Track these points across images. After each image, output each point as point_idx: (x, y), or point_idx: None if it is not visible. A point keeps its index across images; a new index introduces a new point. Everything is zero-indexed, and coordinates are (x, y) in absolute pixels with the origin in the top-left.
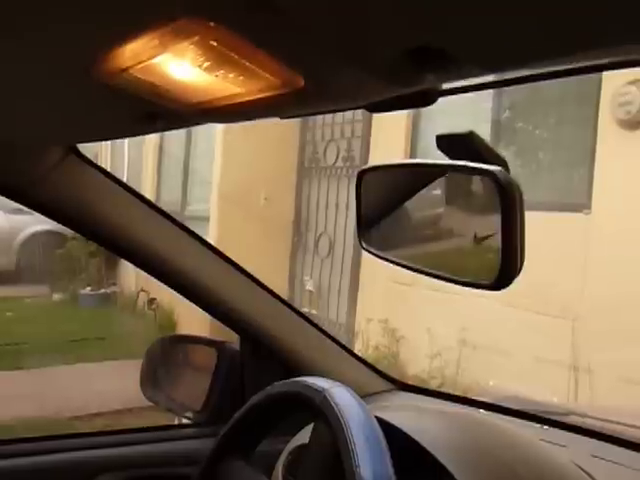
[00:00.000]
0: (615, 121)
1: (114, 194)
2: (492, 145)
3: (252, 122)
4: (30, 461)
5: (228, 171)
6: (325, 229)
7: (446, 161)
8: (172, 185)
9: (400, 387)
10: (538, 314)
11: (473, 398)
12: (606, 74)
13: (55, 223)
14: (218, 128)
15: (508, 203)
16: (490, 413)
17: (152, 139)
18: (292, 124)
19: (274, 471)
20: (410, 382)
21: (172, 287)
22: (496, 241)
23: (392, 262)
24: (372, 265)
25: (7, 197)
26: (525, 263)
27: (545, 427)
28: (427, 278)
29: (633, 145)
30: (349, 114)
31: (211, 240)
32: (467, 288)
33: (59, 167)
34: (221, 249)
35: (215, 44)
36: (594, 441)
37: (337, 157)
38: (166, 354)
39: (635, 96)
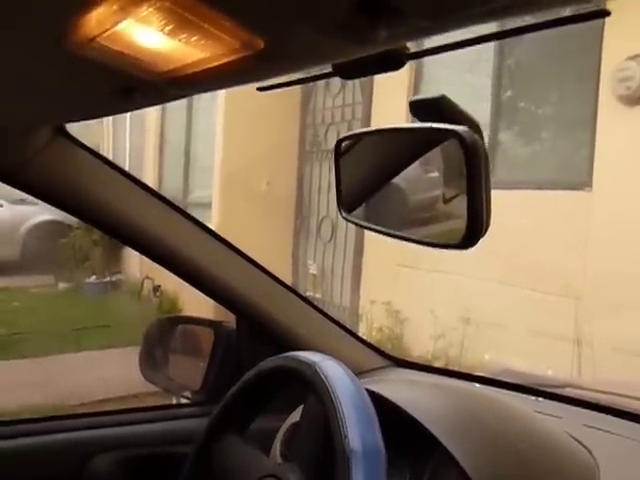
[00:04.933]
0: (615, 97)
1: (103, 174)
2: (493, 125)
3: (251, 107)
4: (27, 442)
5: (229, 157)
6: (327, 213)
7: (415, 124)
8: (174, 172)
9: (397, 363)
10: (540, 293)
11: (468, 372)
12: (606, 49)
13: (59, 213)
14: (218, 113)
15: (473, 162)
16: (485, 387)
17: (153, 128)
18: (292, 108)
19: (272, 448)
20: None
21: (165, 266)
22: (463, 201)
23: (370, 229)
24: (375, 248)
25: None
26: (528, 242)
27: (540, 399)
28: (430, 260)
29: (633, 121)
30: (349, 97)
31: (214, 226)
32: (469, 270)
33: (48, 148)
34: (224, 235)
35: (173, 7)
36: (588, 412)
37: None
38: (164, 335)
39: (635, 71)
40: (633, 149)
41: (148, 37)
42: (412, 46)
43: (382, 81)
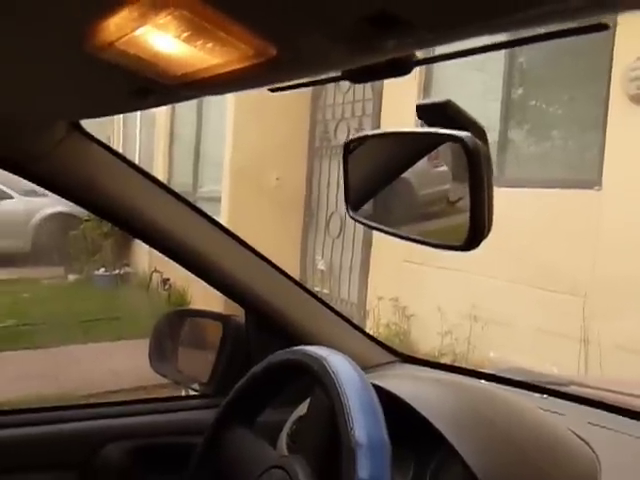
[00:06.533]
0: (627, 96)
1: (116, 169)
2: (503, 124)
3: (261, 102)
4: (40, 430)
5: (239, 152)
6: (336, 208)
7: (421, 129)
8: (184, 166)
9: (403, 359)
10: (548, 291)
11: (474, 369)
12: (617, 49)
13: (69, 205)
14: (228, 109)
15: (475, 167)
16: (491, 383)
17: (163, 122)
18: (303, 104)
19: (279, 440)
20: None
21: (175, 260)
22: (466, 204)
23: (377, 229)
24: (383, 244)
25: (13, 173)
26: (537, 240)
27: (544, 396)
28: (438, 257)
29: None
30: (359, 93)
31: (223, 220)
32: (477, 268)
33: (63, 143)
34: (233, 229)
35: (190, 15)
36: (592, 409)
37: (348, 136)
38: (173, 328)
39: None
40: None
41: (165, 43)
42: (420, 52)
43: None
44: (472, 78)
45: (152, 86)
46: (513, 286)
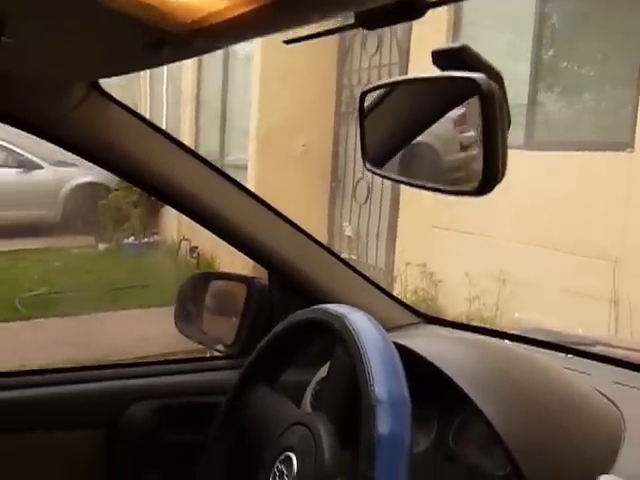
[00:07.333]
0: None
1: (136, 129)
2: (532, 86)
3: (286, 69)
4: (67, 389)
5: (265, 119)
6: (363, 174)
7: (434, 74)
8: (211, 135)
9: (427, 320)
10: (579, 256)
11: (499, 330)
12: None
13: (98, 175)
14: (254, 75)
15: (488, 108)
16: (515, 343)
17: (189, 90)
18: (329, 69)
19: (303, 399)
20: None
21: (197, 222)
22: (480, 148)
23: (393, 180)
24: (410, 210)
25: (34, 134)
26: (567, 203)
27: (570, 356)
28: (466, 222)
29: None
30: (386, 57)
31: (250, 187)
32: (507, 233)
33: (82, 104)
34: (260, 196)
35: None
36: (617, 369)
37: None
38: (198, 290)
39: None
40: None
41: None
42: None
43: (419, 41)
44: (501, 39)
45: (165, 37)
46: (542, 251)
